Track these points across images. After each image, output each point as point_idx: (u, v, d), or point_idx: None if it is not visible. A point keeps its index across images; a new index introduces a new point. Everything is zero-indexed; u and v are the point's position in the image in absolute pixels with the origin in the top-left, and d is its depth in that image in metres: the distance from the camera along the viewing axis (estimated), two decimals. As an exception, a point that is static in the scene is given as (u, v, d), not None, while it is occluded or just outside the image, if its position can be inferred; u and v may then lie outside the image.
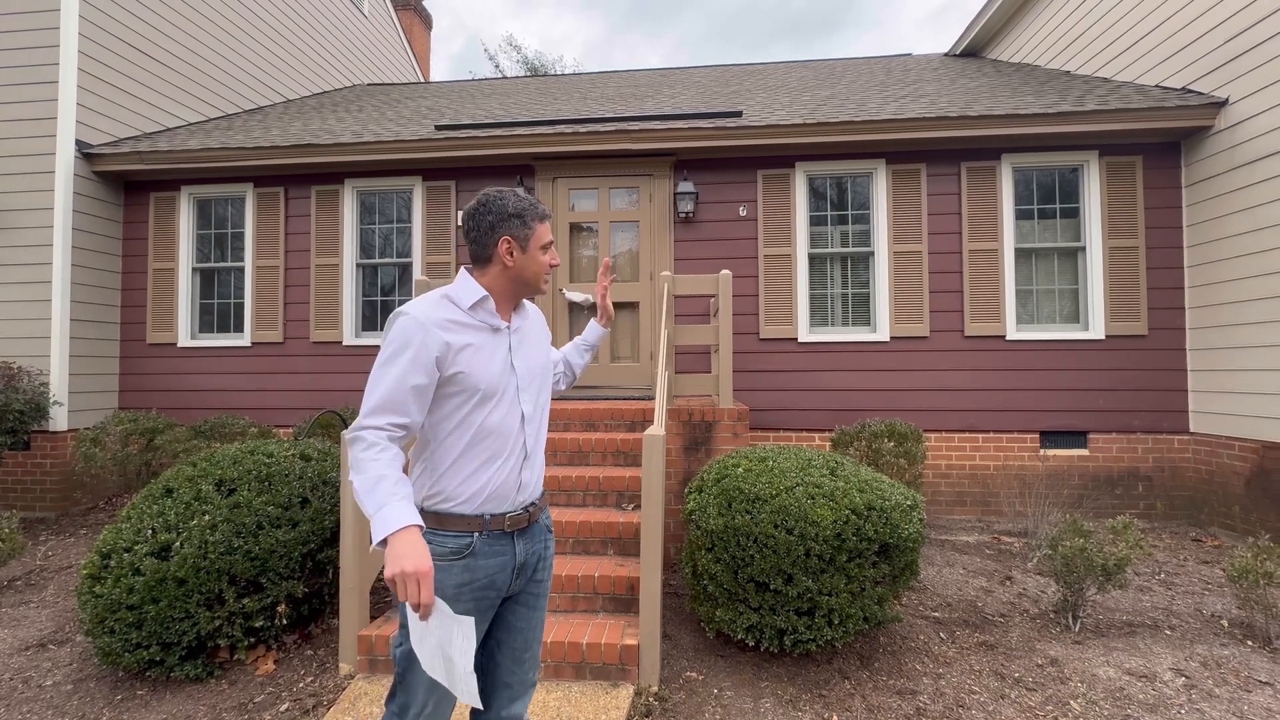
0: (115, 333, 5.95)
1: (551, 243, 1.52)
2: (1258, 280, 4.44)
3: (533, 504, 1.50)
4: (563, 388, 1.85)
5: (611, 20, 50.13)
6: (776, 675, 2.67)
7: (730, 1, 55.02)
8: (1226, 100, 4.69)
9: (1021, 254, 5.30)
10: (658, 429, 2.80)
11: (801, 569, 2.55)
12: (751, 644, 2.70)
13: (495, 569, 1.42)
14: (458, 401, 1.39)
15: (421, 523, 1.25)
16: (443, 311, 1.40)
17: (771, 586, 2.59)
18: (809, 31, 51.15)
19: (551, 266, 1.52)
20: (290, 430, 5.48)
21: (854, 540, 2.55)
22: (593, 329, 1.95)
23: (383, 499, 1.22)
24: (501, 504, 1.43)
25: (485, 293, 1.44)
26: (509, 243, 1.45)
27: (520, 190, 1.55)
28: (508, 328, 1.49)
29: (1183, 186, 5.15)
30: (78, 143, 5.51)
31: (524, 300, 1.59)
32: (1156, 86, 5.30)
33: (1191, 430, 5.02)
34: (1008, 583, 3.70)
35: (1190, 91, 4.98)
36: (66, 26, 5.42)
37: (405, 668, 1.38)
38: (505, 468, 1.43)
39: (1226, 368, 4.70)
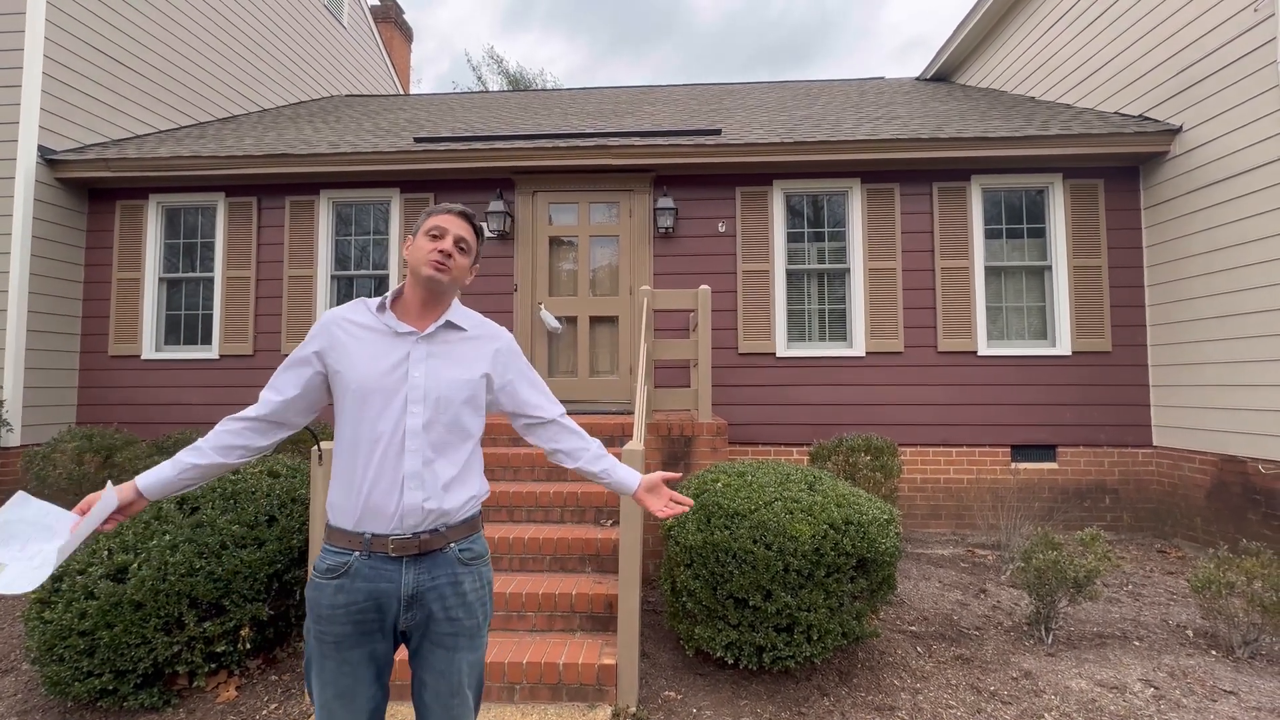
0: (75, 344, 5.73)
1: (442, 232, 1.41)
2: (1213, 299, 4.62)
3: (433, 531, 1.36)
4: (538, 444, 1.59)
5: (594, 48, 51.24)
6: (756, 693, 2.65)
7: (709, 32, 56.60)
8: (1181, 127, 4.91)
9: (991, 272, 5.45)
10: (637, 444, 2.78)
11: (780, 585, 2.55)
12: (731, 662, 2.67)
13: (379, 594, 1.32)
14: (339, 401, 1.39)
15: (138, 482, 1.33)
16: (349, 312, 1.43)
17: (750, 603, 2.58)
18: (784, 62, 52.89)
19: (436, 250, 1.39)
20: (259, 445, 5.32)
21: (832, 555, 2.55)
22: (624, 477, 1.56)
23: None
24: (384, 524, 1.33)
25: (388, 297, 1.45)
26: (409, 239, 1.47)
27: (457, 204, 1.49)
28: (414, 334, 1.40)
29: (1142, 209, 5.36)
30: (40, 148, 5.35)
31: (457, 311, 1.47)
32: (1116, 113, 5.53)
33: (1154, 444, 5.18)
34: (982, 595, 3.75)
35: (1147, 119, 5.21)
36: (32, 28, 5.28)
37: (308, 680, 1.39)
38: (380, 483, 1.32)
39: (1186, 383, 4.87)
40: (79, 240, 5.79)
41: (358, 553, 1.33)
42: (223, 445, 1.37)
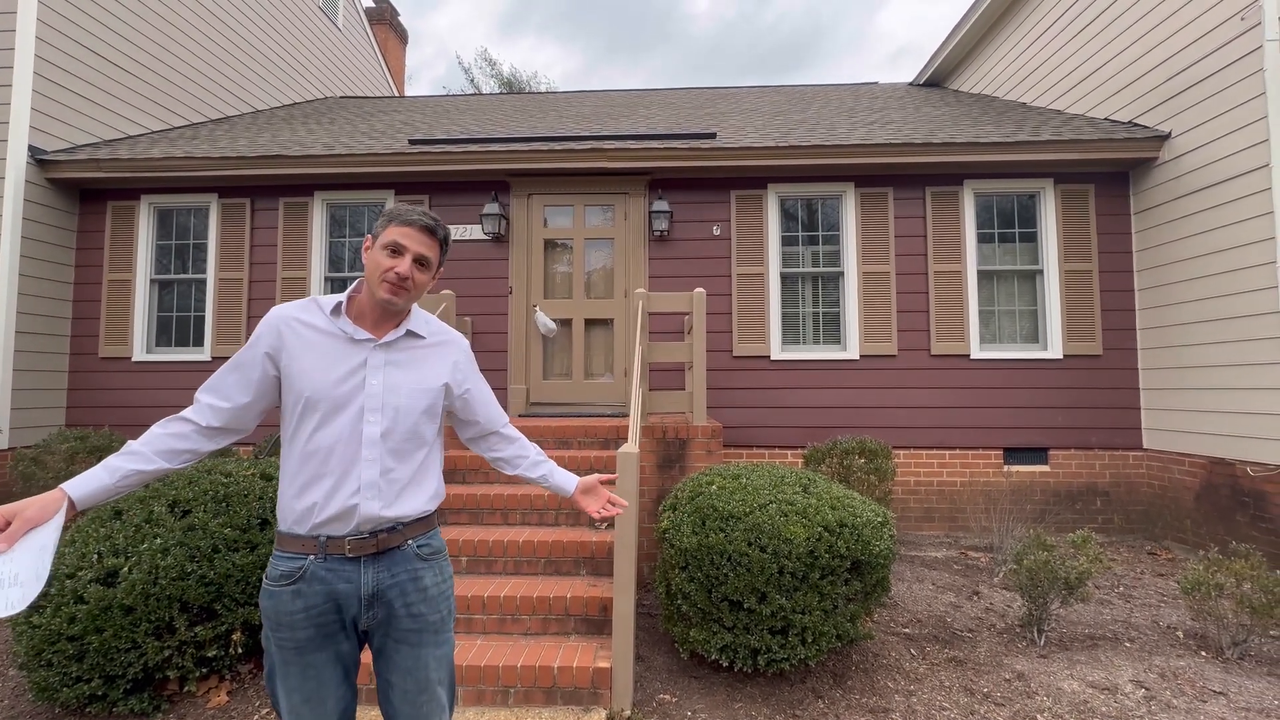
0: (65, 346, 5.68)
1: (400, 249, 1.35)
2: (1202, 304, 4.67)
3: (390, 529, 1.35)
4: (480, 454, 1.62)
5: (589, 55, 51.45)
6: (750, 696, 2.65)
7: (703, 38, 56.93)
8: (1169, 134, 4.97)
9: (984, 276, 5.49)
10: (632, 446, 2.78)
11: (775, 587, 2.55)
12: (725, 664, 2.67)
13: (338, 595, 1.31)
14: (290, 406, 1.34)
15: (69, 492, 1.19)
16: (298, 311, 1.38)
17: (745, 605, 2.58)
18: (778, 69, 53.32)
19: (392, 272, 1.33)
20: (251, 448, 5.29)
21: (827, 557, 2.56)
22: (562, 481, 1.60)
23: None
24: (341, 528, 1.31)
25: (343, 299, 1.39)
26: (369, 239, 1.41)
27: (422, 210, 1.40)
28: (371, 340, 1.37)
29: (1131, 214, 5.42)
30: (31, 148, 5.30)
31: (416, 318, 1.45)
32: (1106, 119, 5.59)
33: (1145, 447, 5.22)
34: (975, 598, 3.76)
35: (1137, 125, 5.26)
36: (23, 27, 5.24)
37: (271, 689, 1.36)
38: (336, 492, 1.30)
39: (1175, 386, 4.92)
40: (69, 241, 5.74)
41: (313, 556, 1.31)
42: (169, 449, 1.28)
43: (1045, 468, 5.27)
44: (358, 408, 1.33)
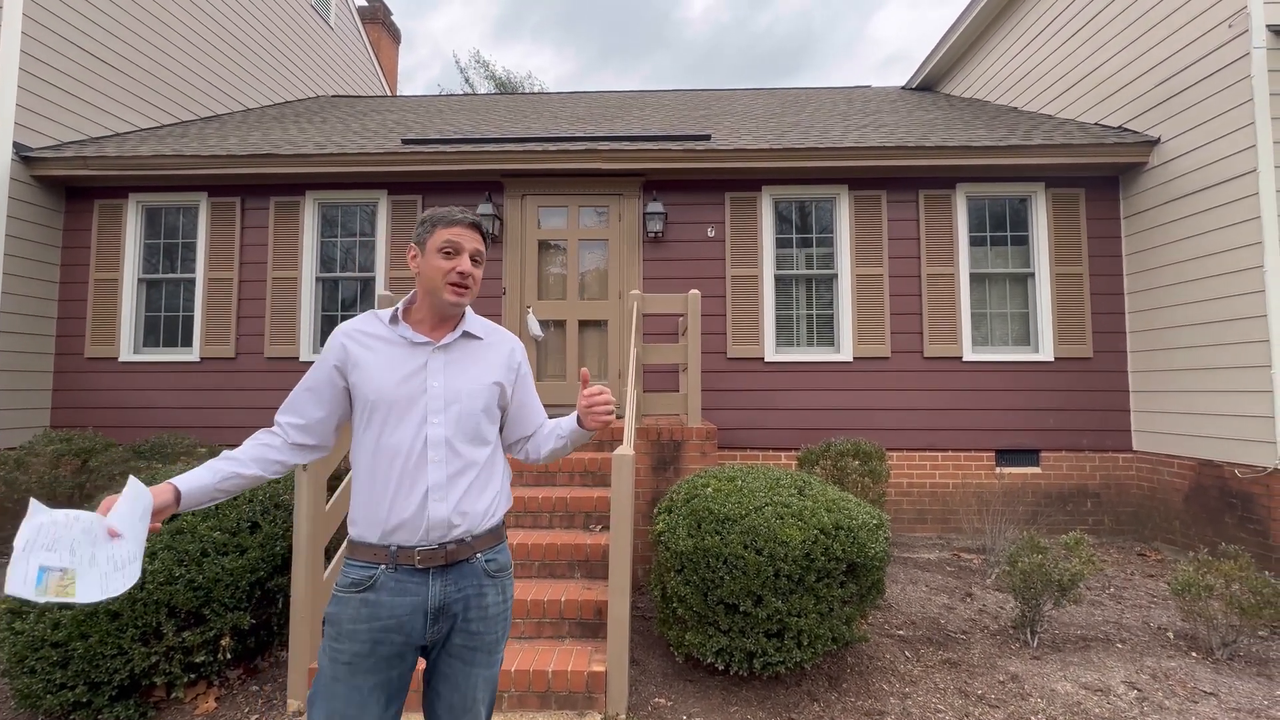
0: (50, 346, 5.59)
1: (457, 248, 1.38)
2: (1190, 307, 4.72)
3: (460, 542, 1.34)
4: (517, 457, 1.59)
5: (583, 59, 51.57)
6: (746, 699, 2.64)
7: (697, 44, 57.20)
8: (1159, 139, 5.02)
9: (976, 279, 5.52)
10: (626, 448, 2.77)
11: (771, 590, 2.55)
12: (721, 667, 2.66)
13: (404, 610, 1.30)
14: (358, 414, 1.38)
15: (177, 485, 1.22)
16: (362, 324, 1.42)
17: (741, 608, 2.57)
18: (770, 74, 53.79)
19: (455, 272, 1.37)
20: (240, 450, 5.23)
21: (822, 560, 2.56)
22: (570, 425, 1.52)
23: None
24: (410, 536, 1.31)
25: (399, 306, 1.44)
26: (414, 249, 1.44)
27: (459, 208, 1.44)
28: (430, 344, 1.40)
29: (1121, 218, 5.47)
30: (15, 145, 5.22)
31: (471, 320, 1.47)
32: (1096, 124, 5.64)
33: (1135, 448, 5.27)
34: (969, 599, 3.78)
35: (1126, 130, 5.32)
36: (9, 23, 5.16)
37: (310, 706, 1.32)
38: (404, 496, 1.31)
39: (1164, 389, 4.97)
40: (55, 240, 5.66)
41: (383, 566, 1.31)
42: (262, 458, 1.35)
43: (1037, 469, 5.31)
44: (421, 410, 1.35)
